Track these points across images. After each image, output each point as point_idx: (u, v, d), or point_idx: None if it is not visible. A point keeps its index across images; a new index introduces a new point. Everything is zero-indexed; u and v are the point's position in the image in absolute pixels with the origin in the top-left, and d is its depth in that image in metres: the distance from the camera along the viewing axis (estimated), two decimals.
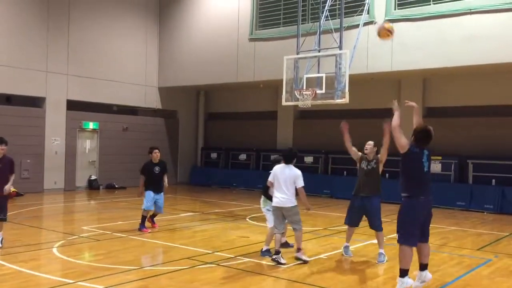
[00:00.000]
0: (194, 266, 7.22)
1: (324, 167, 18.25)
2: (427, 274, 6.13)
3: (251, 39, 17.81)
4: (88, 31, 18.18)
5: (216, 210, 13.56)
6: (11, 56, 15.99)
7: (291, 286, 6.37)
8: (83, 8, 18.01)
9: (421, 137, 5.89)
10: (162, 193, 10.23)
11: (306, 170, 13.75)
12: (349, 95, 12.82)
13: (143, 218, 10.07)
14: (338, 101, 12.97)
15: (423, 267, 6.12)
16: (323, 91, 12.96)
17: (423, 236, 5.93)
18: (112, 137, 19.15)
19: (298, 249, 7.67)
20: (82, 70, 17.93)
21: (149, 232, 9.81)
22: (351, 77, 13.10)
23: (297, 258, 7.63)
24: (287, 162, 7.73)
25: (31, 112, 16.78)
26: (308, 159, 18.45)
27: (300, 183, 7.59)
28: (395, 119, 6.06)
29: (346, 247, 8.13)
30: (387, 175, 16.72)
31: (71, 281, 6.27)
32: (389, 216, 13.23)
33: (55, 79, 17.19)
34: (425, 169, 5.84)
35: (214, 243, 9.04)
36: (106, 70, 18.70)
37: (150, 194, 10.00)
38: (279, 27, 17.44)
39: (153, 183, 10.07)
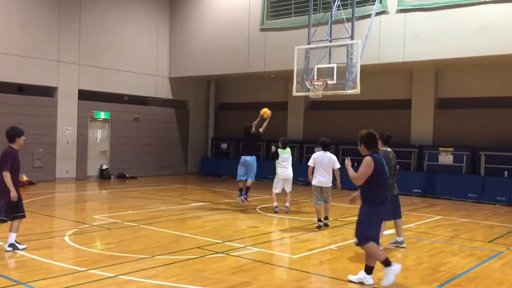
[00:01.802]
0: (204, 256, 7.26)
1: None
2: (371, 279, 6.05)
3: (262, 29, 17.72)
4: (99, 21, 18.21)
5: (226, 200, 13.60)
6: (23, 46, 16.08)
7: (301, 276, 6.38)
8: None
9: (369, 140, 6.03)
10: None
11: None
12: (361, 85, 12.73)
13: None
14: (349, 91, 12.88)
15: (370, 270, 6.09)
16: (334, 81, 12.89)
17: (377, 238, 6.11)
18: (123, 127, 19.25)
19: (327, 217, 9.76)
20: (93, 60, 17.99)
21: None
22: (363, 67, 13.00)
23: (325, 224, 9.63)
24: (325, 149, 9.67)
25: (43, 101, 16.90)
26: (319, 150, 18.36)
27: (338, 165, 9.55)
28: (351, 173, 6.10)
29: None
30: (397, 166, 16.67)
31: (82, 269, 6.34)
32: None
33: (66, 68, 17.28)
34: (387, 175, 6.09)
35: (224, 233, 9.08)
36: (117, 60, 18.75)
37: None
38: (290, 17, 17.32)
39: None
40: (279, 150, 11.64)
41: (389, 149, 8.10)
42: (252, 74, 18.89)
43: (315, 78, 13.21)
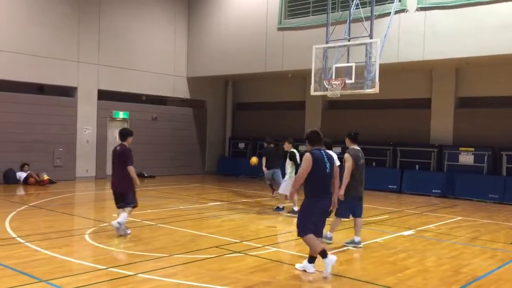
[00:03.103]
0: (222, 255, 7.27)
1: None
2: (312, 268, 6.41)
3: (279, 29, 17.69)
4: (118, 21, 18.39)
5: (244, 200, 13.62)
6: (44, 47, 16.32)
7: (320, 276, 6.35)
8: None
9: (313, 137, 6.40)
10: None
11: None
12: (379, 84, 12.62)
13: None
14: (368, 91, 12.78)
15: (324, 254, 6.31)
16: (353, 80, 12.80)
17: (318, 231, 6.37)
18: (142, 127, 19.38)
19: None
20: (112, 60, 18.17)
21: None
22: (382, 66, 12.88)
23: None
24: (328, 148, 9.58)
25: (64, 101, 17.13)
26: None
27: (338, 162, 9.35)
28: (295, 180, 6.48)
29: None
30: (417, 166, 16.52)
31: (102, 267, 6.40)
32: (419, 208, 13.07)
33: (86, 69, 17.49)
34: (327, 171, 6.25)
35: (242, 232, 9.08)
36: (136, 60, 18.91)
37: None
38: (308, 16, 17.25)
39: None
40: (295, 151, 11.46)
41: (357, 147, 8.20)
42: (269, 74, 18.86)
43: (333, 77, 13.13)
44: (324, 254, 6.20)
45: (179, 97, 20.66)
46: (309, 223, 6.24)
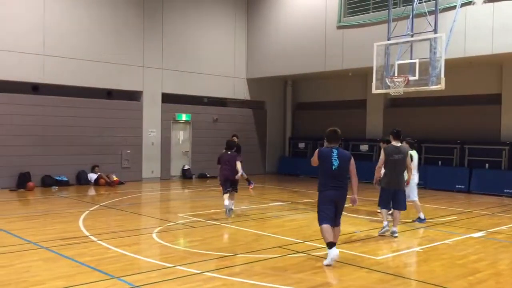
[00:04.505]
0: (285, 255, 7.30)
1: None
2: (335, 250, 6.76)
3: (339, 27, 17.48)
4: (180, 25, 18.89)
5: (305, 200, 13.58)
6: (112, 54, 17.06)
7: (385, 278, 6.23)
8: (175, 5, 18.73)
9: (329, 135, 7.04)
10: None
11: None
12: (445, 81, 12.18)
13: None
14: (433, 87, 12.39)
15: (331, 245, 6.75)
16: (417, 77, 12.46)
17: (334, 222, 7.01)
18: (203, 128, 19.81)
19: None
20: (175, 64, 18.70)
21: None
22: (447, 61, 12.43)
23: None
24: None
25: (130, 105, 17.82)
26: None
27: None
28: None
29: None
30: (486, 165, 15.79)
31: (170, 265, 6.62)
32: (490, 209, 12.47)
33: (151, 73, 18.10)
34: (334, 168, 6.87)
35: (304, 232, 9.07)
36: (197, 63, 19.34)
37: None
38: (368, 13, 16.94)
39: None
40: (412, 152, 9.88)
41: (398, 144, 8.72)
42: (329, 73, 18.69)
43: (396, 74, 12.83)
44: (331, 245, 6.71)
45: (239, 99, 20.92)
46: (323, 213, 6.93)
